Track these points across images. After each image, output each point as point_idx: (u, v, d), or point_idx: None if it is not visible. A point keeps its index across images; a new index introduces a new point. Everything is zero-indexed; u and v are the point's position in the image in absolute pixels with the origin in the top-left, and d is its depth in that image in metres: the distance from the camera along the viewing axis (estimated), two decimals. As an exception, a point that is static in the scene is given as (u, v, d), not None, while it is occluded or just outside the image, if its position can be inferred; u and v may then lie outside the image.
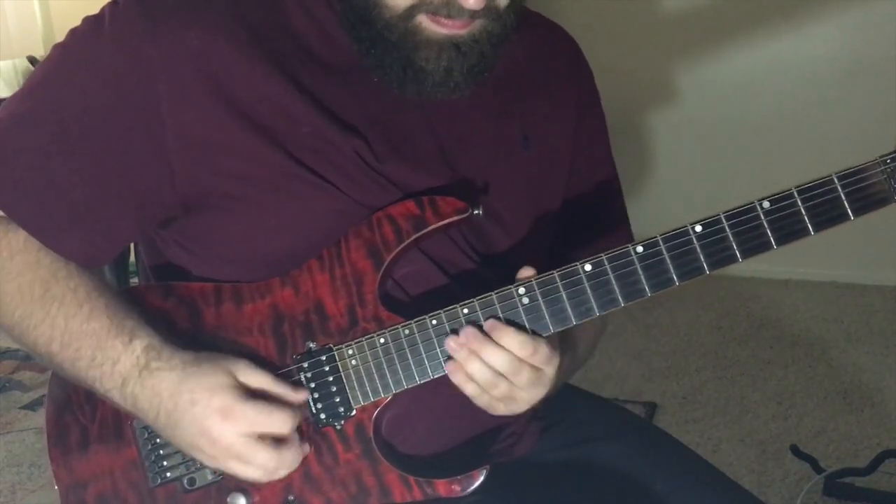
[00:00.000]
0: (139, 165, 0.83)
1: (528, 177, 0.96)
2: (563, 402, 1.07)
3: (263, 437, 0.80)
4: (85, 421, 0.89)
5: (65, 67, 0.85)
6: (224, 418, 0.79)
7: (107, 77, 0.82)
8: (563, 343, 0.88)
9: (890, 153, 0.80)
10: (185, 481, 0.86)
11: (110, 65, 0.82)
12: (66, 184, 0.84)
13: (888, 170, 0.80)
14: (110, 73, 0.82)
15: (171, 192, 0.85)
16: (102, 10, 0.85)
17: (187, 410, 0.79)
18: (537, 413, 1.01)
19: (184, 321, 0.88)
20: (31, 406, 2.64)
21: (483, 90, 0.92)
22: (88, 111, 0.83)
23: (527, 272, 0.83)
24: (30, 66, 5.66)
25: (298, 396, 0.84)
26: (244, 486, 0.85)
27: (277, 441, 0.81)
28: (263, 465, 0.80)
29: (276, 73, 0.84)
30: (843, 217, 0.80)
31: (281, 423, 0.80)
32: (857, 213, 0.80)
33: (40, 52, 5.74)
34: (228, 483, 0.86)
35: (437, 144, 0.90)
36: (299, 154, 0.84)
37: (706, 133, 3.32)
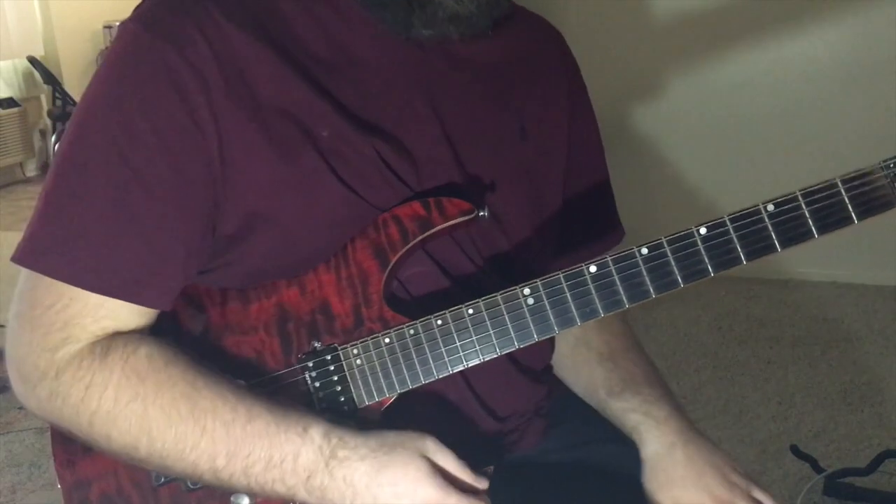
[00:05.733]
0: (196, 184, 0.81)
1: (528, 168, 0.96)
2: (566, 403, 1.07)
3: None
4: None
5: (100, 117, 0.81)
6: None
7: (143, 108, 0.79)
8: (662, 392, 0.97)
9: (893, 157, 0.81)
10: (189, 481, 0.86)
11: (141, 96, 0.79)
12: (143, 233, 0.80)
13: (891, 174, 0.80)
14: (144, 103, 0.79)
15: (217, 214, 0.83)
16: (112, 47, 0.83)
17: (391, 503, 0.77)
18: (541, 411, 1.02)
19: (190, 320, 0.88)
20: (32, 406, 2.64)
21: (481, 82, 0.92)
22: (139, 148, 0.79)
23: None
24: (30, 66, 5.68)
25: (481, 483, 0.82)
26: None
27: None
28: None
29: (292, 76, 0.83)
30: (847, 221, 0.81)
31: None
32: (860, 216, 0.80)
33: (40, 53, 5.76)
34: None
35: (445, 136, 0.90)
36: (325, 155, 0.83)
37: (706, 133, 3.33)
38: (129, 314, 0.81)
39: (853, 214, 0.80)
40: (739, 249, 0.81)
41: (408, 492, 0.77)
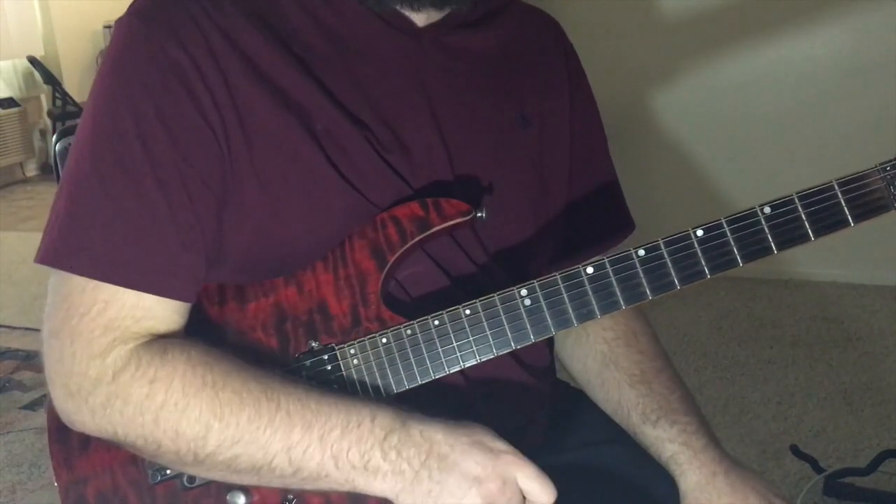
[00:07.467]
0: (208, 172, 0.82)
1: (530, 157, 0.96)
2: (567, 405, 1.07)
3: None
4: None
5: (110, 113, 0.81)
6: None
7: (150, 99, 0.80)
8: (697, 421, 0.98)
9: (889, 160, 0.81)
10: (185, 478, 0.85)
11: (146, 88, 0.80)
12: (164, 225, 0.80)
13: (888, 177, 0.81)
14: (150, 95, 0.80)
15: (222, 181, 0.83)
16: (111, 43, 0.84)
17: (467, 451, 0.78)
18: (542, 412, 1.02)
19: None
20: (31, 406, 2.65)
21: (478, 72, 0.93)
22: (150, 140, 0.80)
23: None
24: (30, 66, 5.68)
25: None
26: (244, 485, 0.85)
27: None
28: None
29: (288, 66, 0.84)
30: (844, 223, 0.81)
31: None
32: (857, 219, 0.81)
33: (40, 53, 5.77)
34: (229, 481, 0.86)
35: (439, 128, 0.90)
36: (322, 146, 0.84)
37: (706, 132, 3.33)
38: (164, 311, 0.81)
39: (849, 217, 0.81)
40: (736, 252, 0.81)
41: (486, 440, 0.79)
